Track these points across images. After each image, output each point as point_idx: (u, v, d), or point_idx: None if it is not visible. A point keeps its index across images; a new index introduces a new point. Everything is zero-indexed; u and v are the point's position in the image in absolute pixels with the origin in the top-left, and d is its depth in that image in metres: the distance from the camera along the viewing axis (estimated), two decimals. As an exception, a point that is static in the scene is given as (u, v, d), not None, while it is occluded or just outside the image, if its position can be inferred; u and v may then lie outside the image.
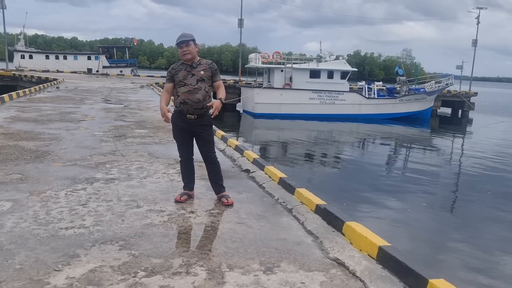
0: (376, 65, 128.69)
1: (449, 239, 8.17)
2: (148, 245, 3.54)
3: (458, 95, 35.85)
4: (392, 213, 9.44)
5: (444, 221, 9.24)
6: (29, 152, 6.66)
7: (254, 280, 3.05)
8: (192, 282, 2.98)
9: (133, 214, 4.23)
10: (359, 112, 29.13)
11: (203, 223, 4.12)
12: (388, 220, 8.96)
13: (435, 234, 8.41)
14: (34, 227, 3.77)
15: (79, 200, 4.54)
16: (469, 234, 8.51)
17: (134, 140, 8.23)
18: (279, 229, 4.06)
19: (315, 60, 30.80)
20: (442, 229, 8.73)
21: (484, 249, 7.72)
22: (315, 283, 3.05)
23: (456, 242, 8.08)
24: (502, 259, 7.42)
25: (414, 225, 8.80)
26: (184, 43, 4.39)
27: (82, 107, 13.62)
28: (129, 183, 5.28)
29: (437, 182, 13.06)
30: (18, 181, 5.12)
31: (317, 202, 4.38)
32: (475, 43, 40.70)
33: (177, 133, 4.67)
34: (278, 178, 5.42)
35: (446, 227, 8.91)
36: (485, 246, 7.88)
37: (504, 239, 8.39)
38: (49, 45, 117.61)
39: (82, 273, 3.01)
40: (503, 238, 8.45)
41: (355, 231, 3.63)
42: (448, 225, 9.05)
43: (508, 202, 11.03)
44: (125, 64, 46.40)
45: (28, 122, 9.74)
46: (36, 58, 44.60)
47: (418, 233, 8.39)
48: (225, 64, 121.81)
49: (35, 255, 3.27)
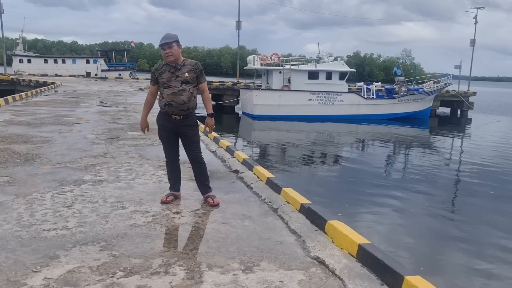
0: (376, 66, 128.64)
1: (431, 237, 8.23)
2: (130, 245, 3.53)
3: (456, 95, 35.85)
4: (380, 213, 9.45)
5: (429, 219, 9.25)
6: (19, 155, 6.67)
7: (233, 279, 3.04)
8: (170, 281, 2.97)
9: (118, 215, 4.23)
10: (358, 113, 29.14)
11: (187, 223, 4.12)
12: (375, 219, 8.98)
13: (418, 233, 8.46)
14: (16, 229, 3.77)
15: (64, 202, 4.54)
16: (456, 234, 8.51)
17: (126, 142, 8.23)
18: (263, 229, 4.05)
19: (314, 61, 30.85)
20: (425, 227, 8.78)
21: (464, 247, 7.77)
22: (294, 281, 3.04)
23: (438, 240, 8.12)
24: (481, 256, 7.42)
25: (399, 224, 8.83)
26: (166, 45, 4.35)
27: (77, 110, 13.63)
28: (117, 185, 5.28)
29: (430, 182, 13.04)
30: (5, 184, 5.12)
31: (301, 202, 4.38)
32: (473, 42, 40.74)
33: (163, 133, 4.66)
34: (266, 178, 5.42)
35: (430, 225, 8.94)
36: (466, 244, 7.92)
37: (486, 236, 8.41)
38: (49, 49, 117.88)
39: (60, 274, 3.01)
40: (485, 235, 8.49)
41: (337, 229, 3.62)
42: (436, 225, 9.05)
43: (500, 200, 11.04)
44: (124, 68, 46.35)
45: (21, 126, 9.74)
46: (35, 62, 44.64)
47: (401, 231, 8.42)
48: (225, 67, 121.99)
49: (15, 256, 3.26)
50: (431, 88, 31.88)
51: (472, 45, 40.79)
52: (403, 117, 30.13)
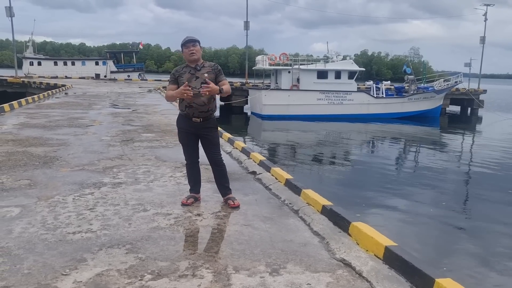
0: (384, 65, 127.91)
1: (456, 239, 8.11)
2: (155, 248, 3.55)
3: (467, 93, 35.58)
4: (399, 213, 9.38)
5: (452, 220, 9.15)
6: (37, 158, 6.73)
7: (260, 281, 3.05)
8: (198, 284, 2.98)
9: (140, 217, 4.25)
10: (368, 112, 29.01)
11: (210, 225, 4.13)
12: (394, 220, 8.90)
13: (442, 234, 8.34)
14: (42, 232, 3.81)
15: (86, 205, 4.58)
16: (477, 233, 8.42)
17: (142, 144, 8.27)
18: (286, 231, 4.05)
19: (322, 61, 30.78)
20: (449, 229, 8.65)
21: (493, 248, 7.64)
22: (321, 284, 3.04)
23: (464, 241, 8.01)
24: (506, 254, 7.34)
25: (421, 225, 8.73)
26: (191, 43, 4.41)
27: (90, 112, 13.73)
28: (136, 187, 5.31)
29: (445, 181, 12.95)
30: (27, 187, 5.18)
31: (323, 203, 4.37)
32: (483, 40, 40.38)
33: (183, 136, 4.68)
34: (285, 179, 5.42)
35: (454, 226, 8.83)
36: (494, 245, 7.80)
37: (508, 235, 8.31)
38: (57, 52, 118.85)
39: (89, 277, 3.03)
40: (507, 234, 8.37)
41: (361, 231, 3.61)
42: (456, 224, 8.96)
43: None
44: (133, 69, 46.64)
45: (36, 128, 9.84)
46: (45, 64, 45.06)
47: (425, 232, 8.32)
48: (232, 67, 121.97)
49: (43, 259, 3.30)
50: (442, 87, 31.67)
51: (482, 43, 40.45)
52: (414, 116, 29.94)
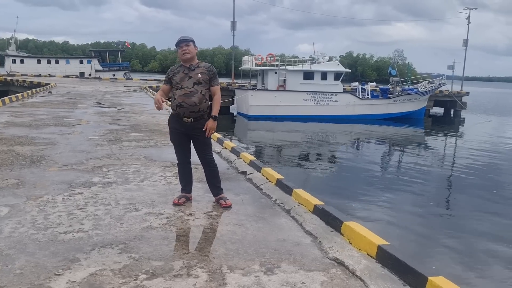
0: (369, 66, 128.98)
1: (447, 237, 8.25)
2: (148, 248, 3.54)
3: (450, 95, 36.10)
4: (390, 212, 9.51)
5: (442, 219, 9.33)
6: (24, 157, 6.63)
7: (255, 281, 3.06)
8: (194, 284, 2.98)
9: (132, 217, 4.23)
10: (353, 113, 29.25)
11: (202, 225, 4.13)
12: (386, 219, 9.02)
13: (433, 232, 8.49)
14: (32, 232, 3.76)
15: (76, 204, 4.53)
16: (463, 231, 8.59)
17: (130, 143, 8.21)
18: (278, 230, 4.07)
19: (309, 62, 30.93)
20: (439, 227, 8.81)
21: (483, 246, 7.81)
22: (316, 283, 3.07)
23: (454, 239, 8.16)
24: (500, 255, 7.49)
25: (412, 224, 8.87)
26: (184, 42, 4.41)
27: (75, 111, 13.57)
28: (127, 187, 5.27)
29: (433, 180, 13.17)
30: (15, 186, 5.10)
31: (315, 203, 4.41)
32: (465, 43, 40.96)
33: (174, 136, 4.67)
34: (275, 179, 5.44)
35: (444, 225, 9.00)
36: (484, 243, 7.97)
37: (501, 236, 8.48)
38: (40, 50, 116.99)
39: (83, 277, 3.01)
40: (501, 235, 8.54)
41: (354, 230, 3.65)
42: (443, 223, 9.13)
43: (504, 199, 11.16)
44: (118, 68, 46.17)
45: (22, 127, 9.68)
46: (28, 62, 44.35)
47: (416, 231, 8.45)
48: (218, 67, 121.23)
49: (35, 259, 3.26)
50: (426, 88, 32.10)
51: (464, 46, 41.04)
52: (398, 117, 30.31)
